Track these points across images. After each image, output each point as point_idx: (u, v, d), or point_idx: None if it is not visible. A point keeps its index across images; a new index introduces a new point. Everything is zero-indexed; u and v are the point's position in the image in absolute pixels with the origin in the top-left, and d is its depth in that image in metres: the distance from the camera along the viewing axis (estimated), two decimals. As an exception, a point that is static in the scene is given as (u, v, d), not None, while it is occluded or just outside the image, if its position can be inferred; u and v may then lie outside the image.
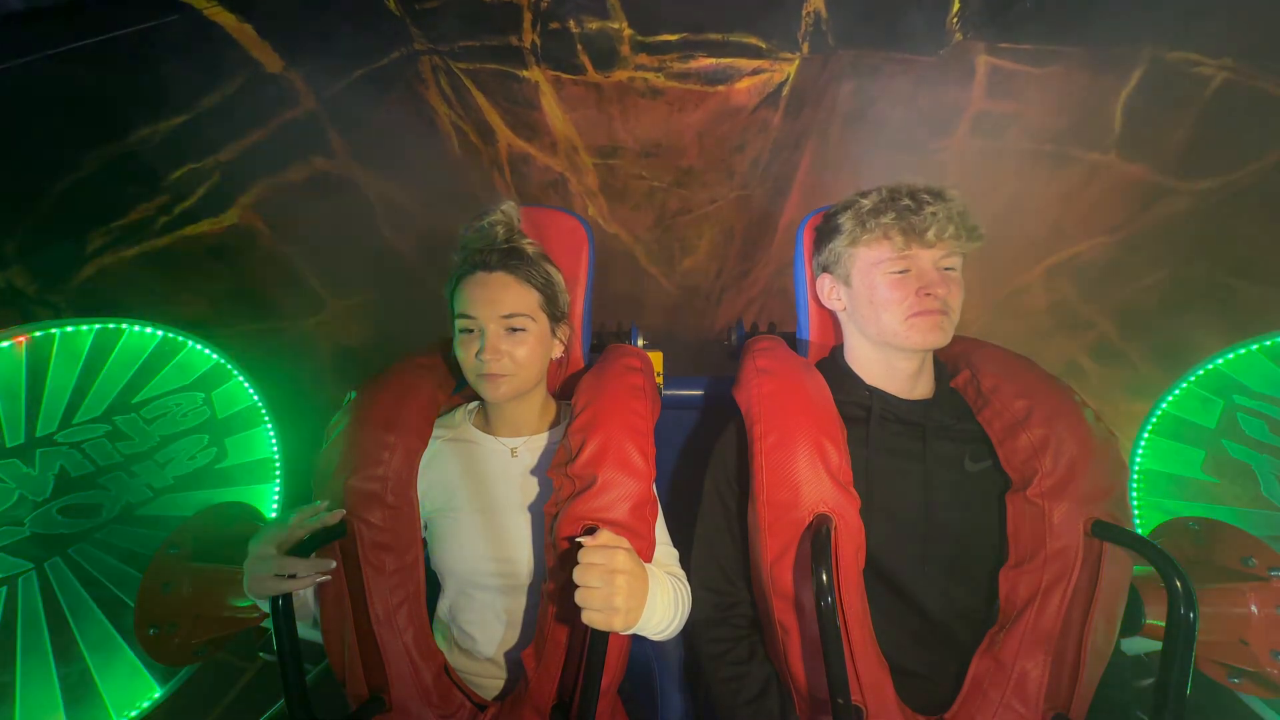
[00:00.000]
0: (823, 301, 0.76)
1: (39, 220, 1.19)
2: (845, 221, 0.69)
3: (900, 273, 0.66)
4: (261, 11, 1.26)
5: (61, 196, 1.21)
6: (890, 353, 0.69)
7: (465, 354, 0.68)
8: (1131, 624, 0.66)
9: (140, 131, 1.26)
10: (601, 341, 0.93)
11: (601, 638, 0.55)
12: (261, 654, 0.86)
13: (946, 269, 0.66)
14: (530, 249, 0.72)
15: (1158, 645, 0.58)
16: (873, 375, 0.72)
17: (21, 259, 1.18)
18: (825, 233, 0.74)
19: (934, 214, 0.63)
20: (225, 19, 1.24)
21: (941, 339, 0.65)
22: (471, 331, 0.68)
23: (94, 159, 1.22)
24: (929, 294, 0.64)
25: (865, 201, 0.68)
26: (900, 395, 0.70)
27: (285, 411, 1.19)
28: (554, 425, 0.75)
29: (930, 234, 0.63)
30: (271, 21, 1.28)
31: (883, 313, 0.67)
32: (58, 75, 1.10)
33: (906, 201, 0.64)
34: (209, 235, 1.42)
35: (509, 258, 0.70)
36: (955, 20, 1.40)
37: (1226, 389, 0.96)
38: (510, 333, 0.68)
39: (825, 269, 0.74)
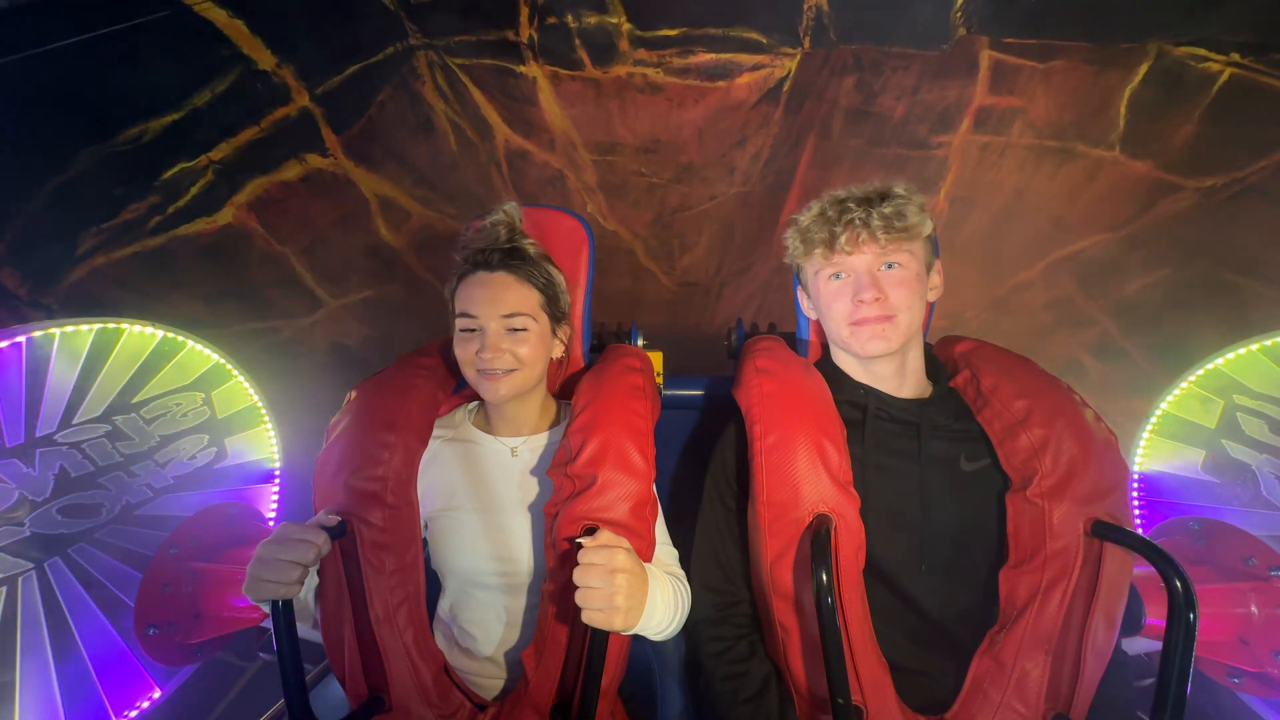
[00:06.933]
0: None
1: (29, 221, 1.18)
2: (789, 240, 0.73)
3: (836, 278, 0.68)
4: (253, 7, 1.24)
5: (51, 196, 1.19)
6: (854, 356, 0.71)
7: (466, 353, 0.68)
8: (1131, 624, 0.66)
9: (130, 130, 1.24)
10: (601, 341, 0.92)
11: (601, 638, 0.55)
12: (261, 654, 0.87)
13: (888, 266, 0.67)
14: (532, 249, 0.72)
15: (1158, 645, 0.58)
16: (856, 377, 0.73)
17: (11, 260, 1.17)
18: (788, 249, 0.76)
19: (850, 222, 0.65)
20: (216, 15, 1.22)
21: (885, 347, 0.66)
22: (473, 331, 0.68)
23: (84, 158, 1.20)
24: (860, 300, 0.66)
25: (802, 218, 0.71)
26: (891, 394, 0.71)
27: (285, 411, 1.19)
28: (554, 425, 0.75)
29: (843, 240, 0.66)
30: (263, 17, 1.26)
31: (829, 321, 0.70)
32: (45, 73, 1.09)
33: (830, 212, 0.67)
34: (203, 235, 1.41)
35: (511, 258, 0.70)
36: (959, 14, 1.38)
37: (1227, 389, 0.96)
38: (511, 332, 0.68)
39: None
